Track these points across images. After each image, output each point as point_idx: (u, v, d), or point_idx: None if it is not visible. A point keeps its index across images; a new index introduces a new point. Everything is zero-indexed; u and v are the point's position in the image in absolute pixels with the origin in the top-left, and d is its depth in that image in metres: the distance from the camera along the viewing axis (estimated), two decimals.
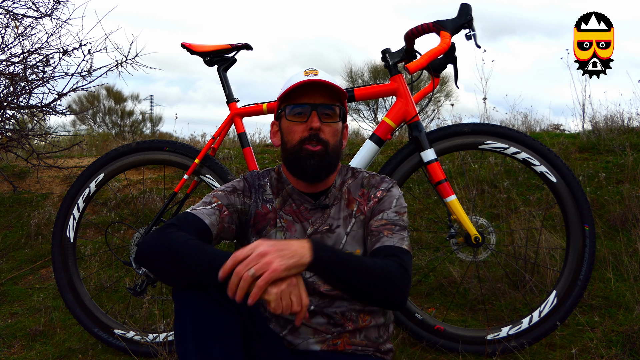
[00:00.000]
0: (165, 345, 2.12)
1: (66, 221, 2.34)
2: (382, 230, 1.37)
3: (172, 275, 1.21)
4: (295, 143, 1.39)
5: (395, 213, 1.41)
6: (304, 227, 1.44)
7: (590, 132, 3.78)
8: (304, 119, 1.38)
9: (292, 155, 1.40)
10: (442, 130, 2.08)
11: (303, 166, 1.38)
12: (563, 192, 2.00)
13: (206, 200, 1.42)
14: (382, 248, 1.33)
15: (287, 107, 1.41)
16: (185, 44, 2.25)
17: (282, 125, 1.44)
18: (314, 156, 1.37)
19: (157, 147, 2.29)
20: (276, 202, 1.47)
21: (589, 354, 1.95)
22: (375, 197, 1.45)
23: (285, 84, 1.45)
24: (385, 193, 1.45)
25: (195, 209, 1.39)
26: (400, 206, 1.43)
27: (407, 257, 1.31)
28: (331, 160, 1.39)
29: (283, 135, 1.44)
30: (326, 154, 1.38)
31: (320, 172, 1.39)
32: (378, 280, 1.21)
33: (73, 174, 4.11)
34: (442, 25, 1.94)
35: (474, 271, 2.60)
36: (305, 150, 1.37)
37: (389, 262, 1.26)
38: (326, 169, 1.39)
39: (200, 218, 1.35)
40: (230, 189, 1.47)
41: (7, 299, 2.82)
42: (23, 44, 3.59)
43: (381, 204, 1.43)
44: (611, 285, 2.40)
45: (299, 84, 1.36)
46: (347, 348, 1.39)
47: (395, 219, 1.40)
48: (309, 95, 1.38)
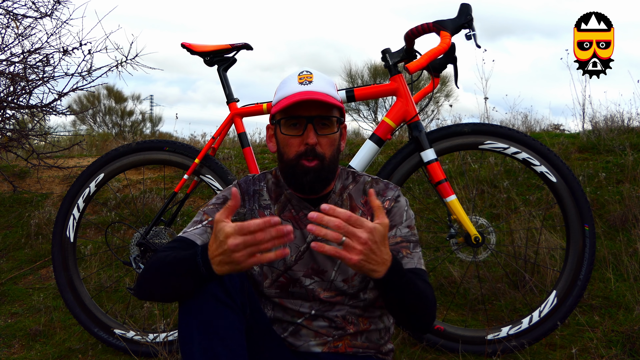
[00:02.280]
0: (165, 345, 2.12)
1: (66, 221, 2.34)
2: (400, 250, 1.37)
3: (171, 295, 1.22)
4: (291, 157, 1.36)
5: (408, 228, 1.41)
6: (303, 234, 1.41)
7: (590, 132, 3.78)
8: (300, 132, 1.34)
9: (289, 170, 1.37)
10: (442, 130, 2.08)
11: (299, 181, 1.36)
12: (563, 192, 2.00)
13: (197, 219, 1.41)
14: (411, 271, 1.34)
15: (282, 119, 1.36)
16: (186, 44, 2.25)
17: (277, 136, 1.40)
18: (311, 172, 1.34)
19: (157, 147, 2.29)
20: (274, 208, 1.44)
21: (589, 354, 1.95)
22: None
23: (278, 88, 1.41)
24: (393, 203, 1.42)
25: (186, 231, 1.38)
26: (410, 219, 1.43)
27: (428, 279, 1.35)
28: (328, 174, 1.37)
29: (279, 145, 1.40)
30: (322, 169, 1.35)
31: (316, 187, 1.37)
32: (425, 305, 1.25)
33: (73, 174, 4.11)
34: (442, 25, 1.94)
35: (474, 271, 2.60)
36: (302, 166, 1.34)
37: (427, 288, 1.29)
38: (322, 183, 1.37)
39: (192, 240, 1.34)
40: (221, 201, 1.44)
41: (7, 299, 2.82)
42: (23, 44, 3.59)
43: (391, 218, 1.40)
44: (611, 285, 2.40)
45: (292, 101, 1.31)
46: (348, 350, 1.39)
47: (408, 235, 1.39)
48: (304, 107, 1.33)
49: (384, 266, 1.13)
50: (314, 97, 1.31)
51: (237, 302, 1.21)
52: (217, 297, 1.17)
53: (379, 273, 1.13)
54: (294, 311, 1.39)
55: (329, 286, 1.38)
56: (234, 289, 1.21)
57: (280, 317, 1.41)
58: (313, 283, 1.38)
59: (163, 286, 1.22)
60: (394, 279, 1.16)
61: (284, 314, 1.40)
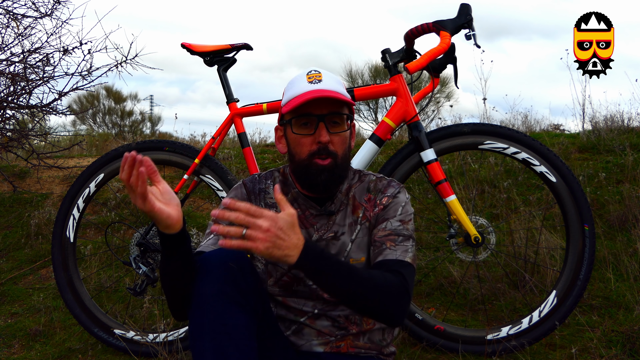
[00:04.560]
0: (165, 345, 2.12)
1: (66, 221, 2.34)
2: (385, 242, 1.34)
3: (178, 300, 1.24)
4: (304, 157, 1.35)
5: (400, 222, 1.37)
6: (309, 233, 1.41)
7: (590, 132, 3.78)
8: (311, 131, 1.33)
9: (302, 170, 1.36)
10: (442, 130, 2.08)
11: (314, 181, 1.35)
12: (563, 192, 2.00)
13: (208, 231, 1.43)
14: (384, 262, 1.30)
15: (293, 118, 1.35)
16: (185, 44, 2.25)
17: (288, 136, 1.39)
18: (325, 171, 1.33)
19: (157, 147, 2.29)
20: None
21: (589, 354, 1.95)
22: (380, 204, 1.40)
23: (287, 89, 1.40)
24: (391, 199, 1.41)
25: (202, 245, 1.39)
26: (405, 214, 1.39)
27: (409, 272, 1.29)
28: (341, 172, 1.37)
29: (290, 146, 1.39)
30: (336, 167, 1.34)
31: (331, 186, 1.36)
32: (374, 293, 1.20)
33: (73, 174, 4.10)
34: (442, 25, 1.94)
35: (474, 271, 2.60)
36: (315, 165, 1.33)
37: (389, 277, 1.24)
38: (337, 181, 1.36)
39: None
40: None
41: (7, 299, 2.82)
42: (23, 43, 3.59)
43: (386, 212, 1.39)
44: (611, 285, 2.40)
45: (305, 99, 1.30)
46: (350, 350, 1.39)
47: (399, 228, 1.36)
48: (315, 105, 1.32)
49: (295, 249, 1.11)
50: (326, 95, 1.30)
51: (251, 302, 1.21)
52: (230, 296, 1.17)
53: (292, 257, 1.11)
54: (297, 310, 1.39)
55: None
56: (249, 289, 1.21)
57: (283, 315, 1.41)
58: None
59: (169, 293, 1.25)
60: (310, 261, 1.14)
61: (287, 313, 1.40)
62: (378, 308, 1.21)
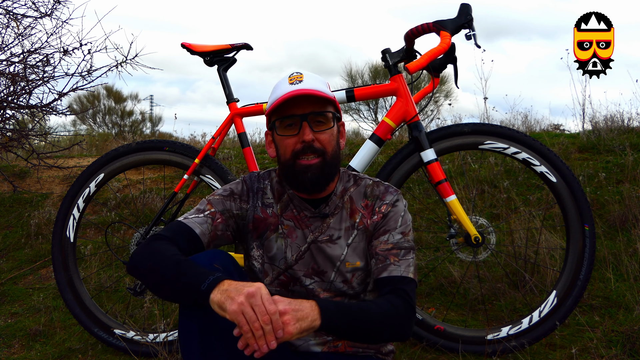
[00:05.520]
0: (165, 345, 2.12)
1: (66, 221, 2.34)
2: (388, 256, 1.35)
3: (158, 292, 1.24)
4: (288, 157, 1.35)
5: (401, 234, 1.38)
6: (304, 234, 1.41)
7: (590, 132, 3.78)
8: (295, 131, 1.33)
9: (287, 170, 1.36)
10: (442, 130, 2.08)
11: (299, 180, 1.35)
12: (563, 192, 2.00)
13: (200, 207, 1.41)
14: (389, 279, 1.32)
15: (277, 120, 1.36)
16: (186, 44, 2.25)
17: (275, 138, 1.40)
18: (310, 169, 1.33)
19: (157, 147, 2.29)
20: (277, 207, 1.44)
21: (589, 354, 1.95)
22: (380, 212, 1.40)
23: (271, 93, 1.41)
24: (390, 208, 1.40)
25: (188, 217, 1.38)
26: (405, 225, 1.40)
27: (412, 288, 1.32)
28: (331, 168, 1.36)
29: (277, 148, 1.40)
30: (325, 164, 1.34)
31: (319, 183, 1.36)
32: (384, 325, 1.23)
33: (73, 174, 4.11)
34: (442, 25, 1.94)
35: (474, 271, 2.60)
36: (299, 164, 1.33)
37: (394, 300, 1.26)
38: (325, 178, 1.36)
39: (191, 228, 1.35)
40: (228, 193, 1.44)
41: (7, 299, 2.82)
42: (23, 43, 3.59)
43: (386, 222, 1.39)
44: (611, 285, 2.40)
45: (283, 99, 1.31)
46: (348, 350, 1.39)
47: (400, 241, 1.37)
48: (297, 105, 1.32)
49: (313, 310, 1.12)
50: (305, 92, 1.30)
51: None
52: None
53: (317, 320, 1.12)
54: None
55: (328, 287, 1.39)
56: None
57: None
58: (313, 283, 1.39)
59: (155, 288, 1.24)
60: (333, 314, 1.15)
61: None
62: (389, 333, 1.26)
